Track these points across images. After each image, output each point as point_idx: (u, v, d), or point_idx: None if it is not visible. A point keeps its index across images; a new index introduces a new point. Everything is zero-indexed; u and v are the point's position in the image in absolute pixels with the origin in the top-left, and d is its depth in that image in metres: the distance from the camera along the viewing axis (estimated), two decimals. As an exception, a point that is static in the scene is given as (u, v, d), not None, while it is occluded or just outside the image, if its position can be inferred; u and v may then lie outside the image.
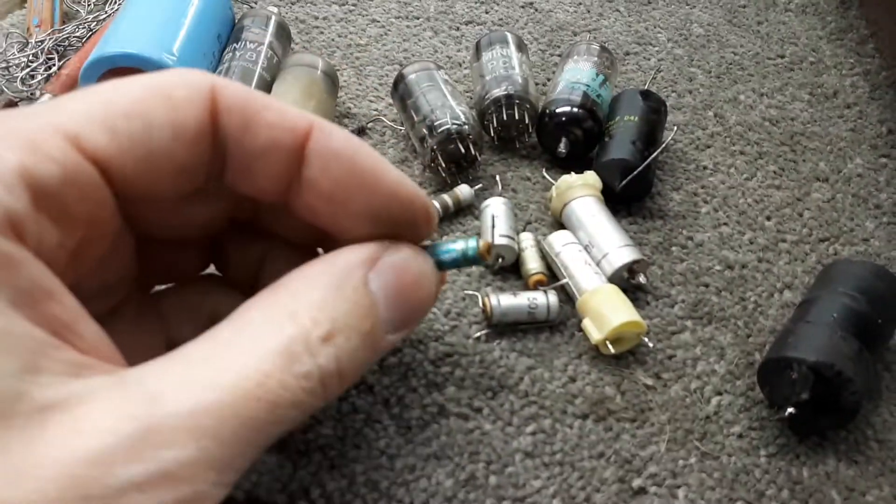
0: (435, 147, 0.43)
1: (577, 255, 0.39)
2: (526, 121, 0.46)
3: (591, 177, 0.43)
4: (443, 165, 0.43)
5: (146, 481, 0.16)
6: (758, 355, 0.37)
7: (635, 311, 0.36)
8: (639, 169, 0.42)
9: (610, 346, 0.35)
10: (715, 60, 0.57)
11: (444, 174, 0.44)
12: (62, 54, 0.50)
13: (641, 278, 0.39)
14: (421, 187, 0.44)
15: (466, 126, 0.43)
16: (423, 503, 0.30)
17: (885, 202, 0.46)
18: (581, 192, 0.41)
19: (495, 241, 0.39)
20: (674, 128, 0.49)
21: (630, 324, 0.35)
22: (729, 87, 0.55)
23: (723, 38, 0.60)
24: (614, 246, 0.39)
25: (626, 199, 0.44)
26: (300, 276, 0.22)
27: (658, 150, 0.43)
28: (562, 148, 0.45)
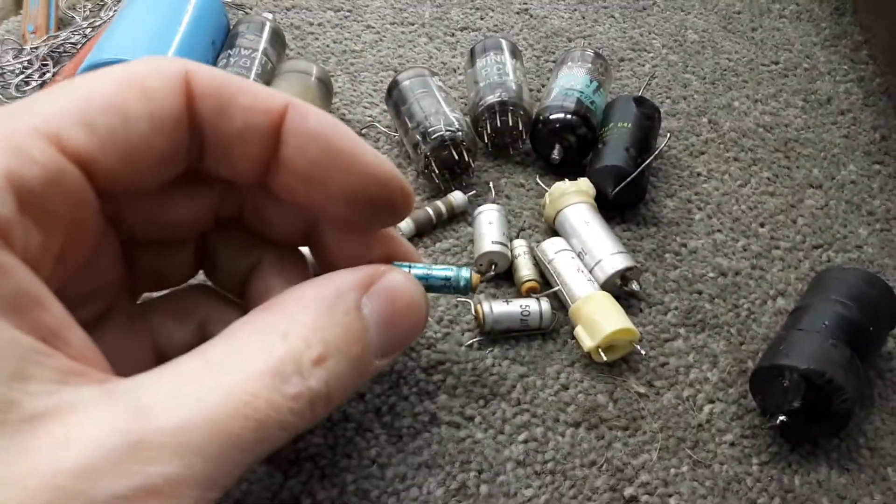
0: (429, 153, 0.43)
1: (570, 262, 0.39)
2: (520, 127, 0.46)
3: (585, 183, 0.43)
4: (436, 172, 0.43)
5: (131, 496, 0.16)
6: (751, 363, 0.37)
7: (628, 319, 0.36)
8: (632, 176, 0.42)
9: (602, 354, 0.35)
10: (709, 67, 0.57)
11: (437, 180, 0.44)
12: (57, 60, 0.50)
13: (634, 285, 0.39)
14: (415, 193, 0.44)
15: (460, 132, 0.43)
16: (414, 512, 0.30)
17: (878, 209, 0.46)
18: (574, 199, 0.42)
19: (488, 249, 0.39)
20: (667, 134, 0.49)
21: (622, 331, 0.35)
22: (723, 93, 0.55)
23: (717, 44, 0.60)
24: (607, 253, 0.39)
25: (619, 206, 0.44)
26: (294, 296, 0.22)
27: (651, 157, 0.43)
28: (555, 154, 0.45)
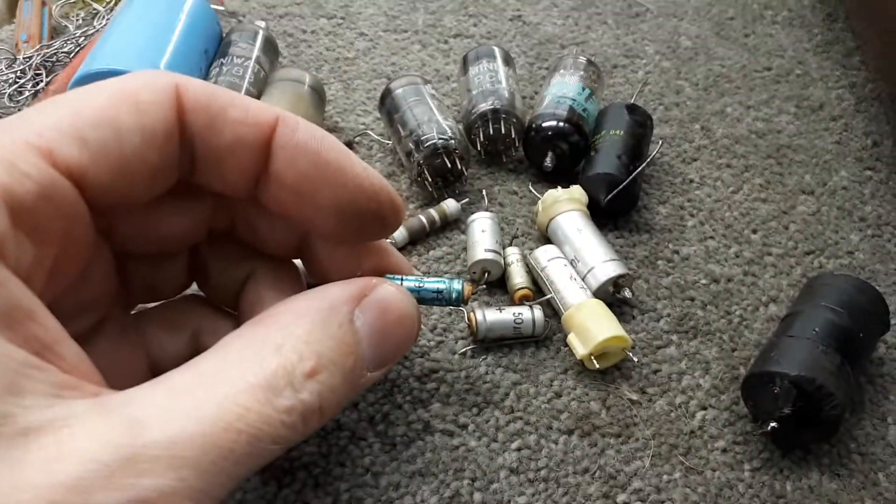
0: (421, 161, 0.43)
1: (563, 269, 0.39)
2: (512, 135, 0.46)
3: (577, 191, 0.43)
4: (429, 180, 0.44)
5: None
6: (742, 369, 0.37)
7: (620, 326, 0.36)
8: (624, 183, 0.42)
9: (595, 361, 0.35)
10: (702, 73, 0.58)
11: (430, 188, 0.44)
12: (50, 70, 0.51)
13: (627, 293, 0.39)
14: (408, 201, 0.44)
15: (453, 140, 0.43)
16: (408, 520, 0.30)
17: (869, 215, 0.47)
18: (567, 207, 0.42)
19: (481, 257, 0.39)
20: (659, 141, 0.49)
21: (615, 338, 0.35)
22: (716, 99, 0.55)
23: (710, 50, 0.60)
24: (599, 260, 0.39)
25: (612, 213, 0.44)
26: (287, 309, 0.22)
27: (643, 164, 0.44)
28: (548, 162, 0.45)
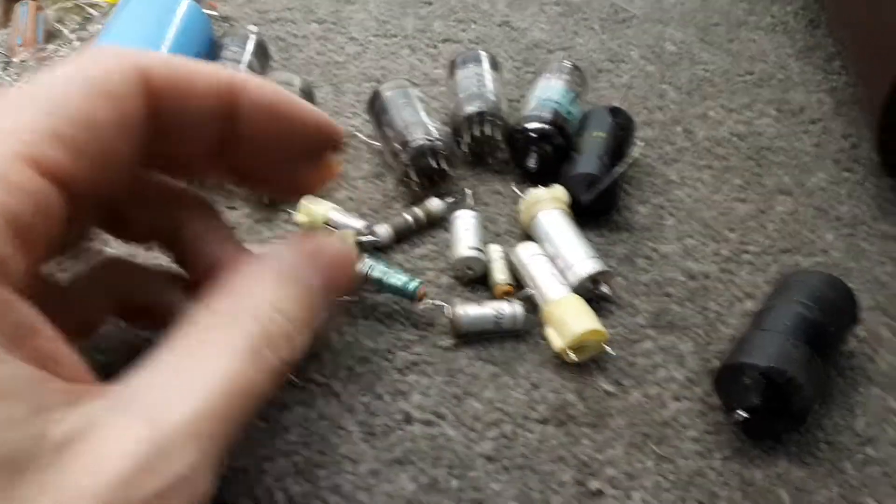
0: (408, 162, 0.44)
1: (544, 266, 0.40)
2: (498, 137, 0.47)
3: (559, 190, 0.44)
4: (416, 180, 0.45)
5: (167, 491, 0.18)
6: (717, 362, 0.38)
7: (597, 320, 0.37)
8: (605, 183, 0.43)
9: (572, 354, 0.36)
10: (686, 77, 0.59)
11: (416, 188, 0.45)
12: (47, 73, 0.52)
13: (605, 289, 0.40)
14: (394, 201, 0.45)
15: (439, 142, 0.44)
16: (386, 506, 0.31)
17: (845, 214, 0.48)
18: (548, 206, 0.43)
19: (464, 254, 0.40)
20: (641, 143, 0.50)
21: (592, 332, 0.36)
22: (699, 103, 0.56)
23: (694, 55, 0.61)
24: (579, 257, 0.40)
25: (593, 212, 0.45)
26: (251, 277, 0.24)
27: (624, 164, 0.45)
28: (531, 163, 0.46)
